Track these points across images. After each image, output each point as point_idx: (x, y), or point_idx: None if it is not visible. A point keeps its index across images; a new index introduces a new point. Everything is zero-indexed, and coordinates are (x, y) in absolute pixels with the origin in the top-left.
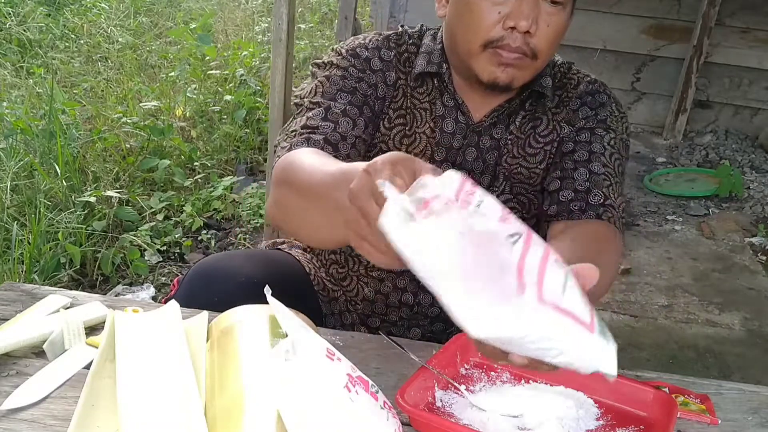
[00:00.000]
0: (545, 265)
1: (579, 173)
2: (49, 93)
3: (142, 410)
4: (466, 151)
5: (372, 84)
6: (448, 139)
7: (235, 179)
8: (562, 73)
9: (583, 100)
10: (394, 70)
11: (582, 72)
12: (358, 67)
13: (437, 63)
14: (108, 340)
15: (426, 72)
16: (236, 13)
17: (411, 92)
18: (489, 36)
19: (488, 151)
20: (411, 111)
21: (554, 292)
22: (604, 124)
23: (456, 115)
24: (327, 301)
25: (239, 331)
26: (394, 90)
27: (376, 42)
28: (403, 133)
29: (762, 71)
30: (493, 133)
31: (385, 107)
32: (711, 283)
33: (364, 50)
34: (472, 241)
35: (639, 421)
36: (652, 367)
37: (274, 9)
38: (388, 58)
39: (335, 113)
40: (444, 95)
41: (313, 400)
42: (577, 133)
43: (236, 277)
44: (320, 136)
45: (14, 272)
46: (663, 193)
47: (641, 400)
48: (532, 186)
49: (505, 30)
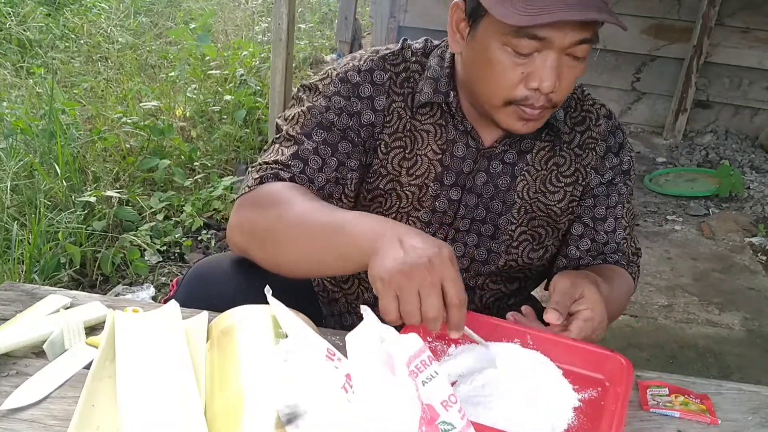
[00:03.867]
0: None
1: (599, 235)
2: (49, 93)
3: (142, 410)
4: (476, 176)
5: (354, 113)
6: (458, 163)
7: (236, 179)
8: (577, 101)
9: (607, 144)
10: (386, 94)
11: (596, 101)
12: (343, 94)
13: (444, 92)
14: (108, 340)
15: (431, 102)
16: (236, 13)
17: (411, 114)
18: (512, 95)
19: (500, 176)
20: (411, 133)
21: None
22: (626, 175)
23: (467, 140)
24: (327, 303)
25: (239, 331)
26: (387, 114)
27: (370, 63)
28: (403, 155)
29: (762, 71)
30: (504, 158)
31: (376, 133)
32: (711, 283)
33: (355, 75)
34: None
35: (596, 383)
36: (652, 367)
37: (274, 9)
38: (381, 81)
39: (307, 151)
40: (454, 120)
41: (313, 400)
42: (601, 185)
43: (236, 276)
44: (288, 174)
45: (14, 272)
46: (663, 193)
47: (598, 364)
48: (549, 222)
49: (529, 90)
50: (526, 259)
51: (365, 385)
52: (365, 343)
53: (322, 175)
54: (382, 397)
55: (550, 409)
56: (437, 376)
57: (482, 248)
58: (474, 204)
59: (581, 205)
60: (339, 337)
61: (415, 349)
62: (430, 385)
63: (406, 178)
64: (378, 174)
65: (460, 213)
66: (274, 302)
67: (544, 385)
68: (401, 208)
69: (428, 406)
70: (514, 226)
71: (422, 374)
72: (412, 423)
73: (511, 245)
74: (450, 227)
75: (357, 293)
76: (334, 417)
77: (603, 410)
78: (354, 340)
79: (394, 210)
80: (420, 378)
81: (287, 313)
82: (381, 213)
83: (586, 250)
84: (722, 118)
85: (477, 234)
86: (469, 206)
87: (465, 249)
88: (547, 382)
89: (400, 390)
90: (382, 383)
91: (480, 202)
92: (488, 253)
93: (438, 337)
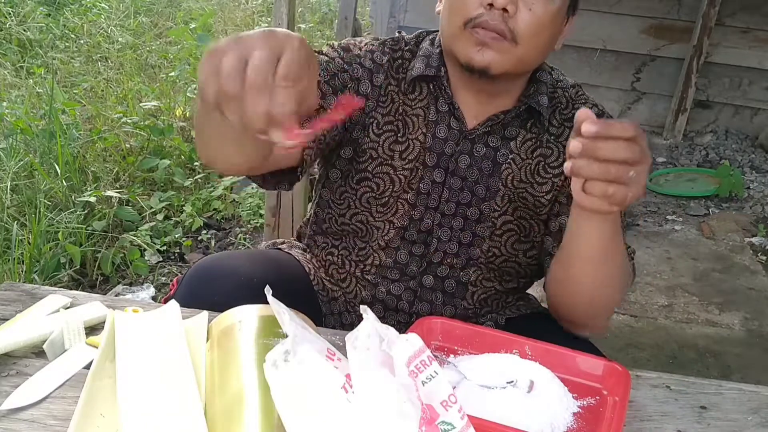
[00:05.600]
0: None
1: None
2: (49, 93)
3: (142, 410)
4: (459, 158)
5: (355, 78)
6: (440, 144)
7: (235, 179)
8: (569, 99)
9: None
10: (384, 74)
11: (589, 100)
12: (346, 59)
13: (435, 66)
14: (108, 340)
15: (423, 75)
16: (236, 13)
17: (403, 98)
18: (469, 14)
19: (483, 160)
20: (402, 117)
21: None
22: None
23: (449, 120)
24: (326, 301)
25: (239, 331)
26: (383, 94)
27: (370, 46)
28: (394, 139)
29: (762, 71)
30: (488, 141)
31: (370, 109)
32: (711, 283)
33: (356, 48)
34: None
35: (594, 392)
36: (652, 367)
37: (274, 9)
38: (380, 61)
39: None
40: (439, 100)
41: (313, 400)
42: None
43: (236, 276)
44: None
45: (14, 272)
46: (663, 193)
47: (593, 373)
48: (536, 213)
49: (484, 7)
50: (511, 249)
51: (365, 385)
52: (365, 343)
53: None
54: (382, 397)
55: (550, 413)
56: (437, 376)
57: (467, 231)
58: (459, 187)
59: (563, 193)
60: (339, 337)
61: (415, 349)
62: (430, 385)
63: (399, 162)
64: (368, 155)
65: (444, 196)
66: (274, 302)
67: (543, 393)
68: (394, 191)
69: (428, 406)
70: (498, 214)
71: (422, 374)
72: (412, 423)
73: (494, 232)
74: (436, 211)
75: (355, 292)
76: (334, 417)
77: (601, 416)
78: (354, 340)
79: (387, 194)
80: (420, 378)
81: (287, 313)
82: (372, 197)
83: None
84: (722, 118)
85: (463, 218)
86: (453, 189)
87: (451, 233)
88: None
89: (400, 390)
90: (382, 383)
91: (465, 185)
92: (473, 236)
93: (438, 349)
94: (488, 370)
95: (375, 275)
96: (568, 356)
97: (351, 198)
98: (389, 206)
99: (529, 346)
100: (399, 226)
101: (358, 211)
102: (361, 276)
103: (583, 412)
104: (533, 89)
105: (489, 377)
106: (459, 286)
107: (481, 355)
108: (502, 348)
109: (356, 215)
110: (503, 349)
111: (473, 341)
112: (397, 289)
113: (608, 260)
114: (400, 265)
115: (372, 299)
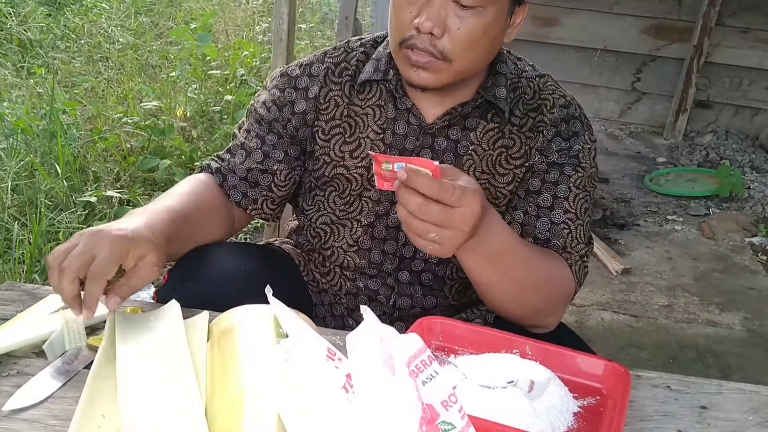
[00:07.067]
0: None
1: (541, 222)
2: (49, 93)
3: (143, 410)
4: (420, 153)
5: (287, 102)
6: (400, 141)
7: None
8: (536, 90)
9: (557, 129)
10: (320, 84)
11: (557, 90)
12: (281, 87)
13: (383, 70)
14: (108, 340)
15: (370, 80)
16: (237, 13)
17: (349, 101)
18: (402, 34)
19: (445, 153)
20: (350, 119)
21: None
22: (576, 160)
23: (407, 117)
24: (317, 292)
25: (239, 331)
26: (322, 102)
27: (312, 58)
28: (343, 140)
29: (762, 71)
30: (449, 134)
31: (310, 120)
32: (711, 283)
33: (296, 69)
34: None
35: (594, 392)
36: (652, 367)
37: (275, 9)
38: (317, 72)
39: (236, 145)
40: (395, 99)
41: (313, 400)
42: (547, 169)
43: (223, 264)
44: (216, 165)
45: (15, 272)
46: (663, 193)
47: (594, 373)
48: (497, 205)
49: (413, 30)
50: None
51: (365, 385)
52: (365, 343)
53: (242, 166)
54: (382, 397)
55: (551, 413)
56: (437, 375)
57: None
58: None
59: (522, 187)
60: (339, 337)
61: (415, 349)
62: (431, 385)
63: (351, 161)
64: (321, 161)
65: None
66: (275, 302)
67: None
68: (353, 190)
69: (428, 406)
70: None
71: (422, 374)
72: (412, 423)
73: None
74: None
75: (339, 284)
76: (334, 417)
77: (602, 416)
78: (354, 340)
79: (347, 193)
80: (420, 378)
81: (287, 312)
82: (337, 197)
83: (519, 223)
84: (722, 118)
85: None
86: None
87: None
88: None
89: (400, 390)
90: (382, 383)
91: None
92: None
93: (438, 349)
94: (489, 369)
95: (353, 270)
96: (568, 356)
97: (321, 202)
98: (354, 205)
99: (529, 346)
100: (366, 224)
101: (326, 212)
102: (339, 271)
103: (584, 412)
104: (491, 82)
105: (489, 377)
106: (436, 279)
107: (482, 355)
108: (502, 348)
109: (323, 216)
110: (504, 349)
111: (473, 341)
112: (374, 285)
113: (506, 274)
114: (374, 264)
115: (357, 290)
